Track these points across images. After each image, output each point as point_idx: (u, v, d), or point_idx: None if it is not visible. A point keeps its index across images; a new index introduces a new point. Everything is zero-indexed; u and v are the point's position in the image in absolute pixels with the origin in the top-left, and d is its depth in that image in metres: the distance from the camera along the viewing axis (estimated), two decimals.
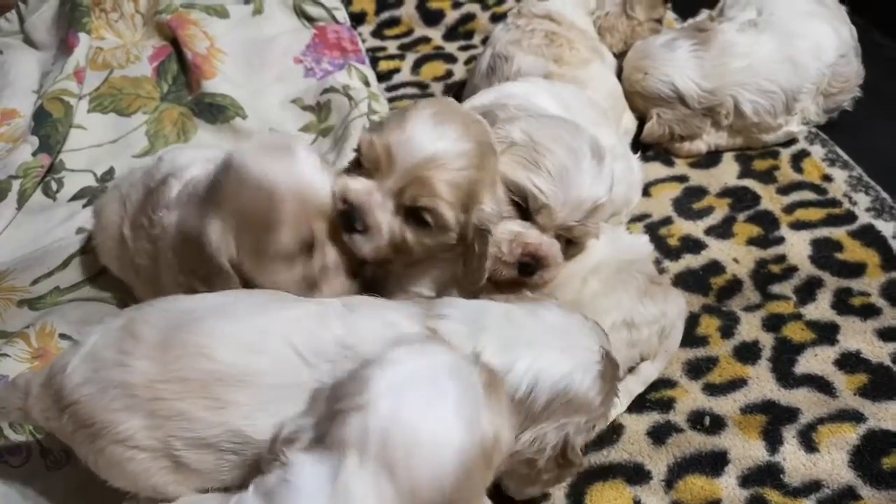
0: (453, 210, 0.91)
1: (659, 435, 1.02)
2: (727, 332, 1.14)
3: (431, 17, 1.86)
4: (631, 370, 1.06)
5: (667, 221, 1.35)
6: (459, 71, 1.73)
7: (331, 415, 0.67)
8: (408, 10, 1.87)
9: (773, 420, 1.02)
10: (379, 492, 0.62)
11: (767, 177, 1.42)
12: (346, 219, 0.92)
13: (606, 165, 1.00)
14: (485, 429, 0.66)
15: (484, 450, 0.66)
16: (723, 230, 1.32)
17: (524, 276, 0.97)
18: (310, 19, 1.79)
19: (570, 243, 1.01)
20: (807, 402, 1.04)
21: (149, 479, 0.79)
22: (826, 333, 1.13)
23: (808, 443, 0.99)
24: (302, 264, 0.93)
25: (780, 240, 1.29)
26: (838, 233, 1.29)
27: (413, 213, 0.91)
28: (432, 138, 0.90)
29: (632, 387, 1.06)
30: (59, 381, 0.79)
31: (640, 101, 1.48)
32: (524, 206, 0.97)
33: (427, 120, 0.91)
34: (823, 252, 1.26)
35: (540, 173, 0.95)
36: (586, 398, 0.82)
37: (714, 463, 0.98)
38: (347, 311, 0.82)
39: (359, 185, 0.91)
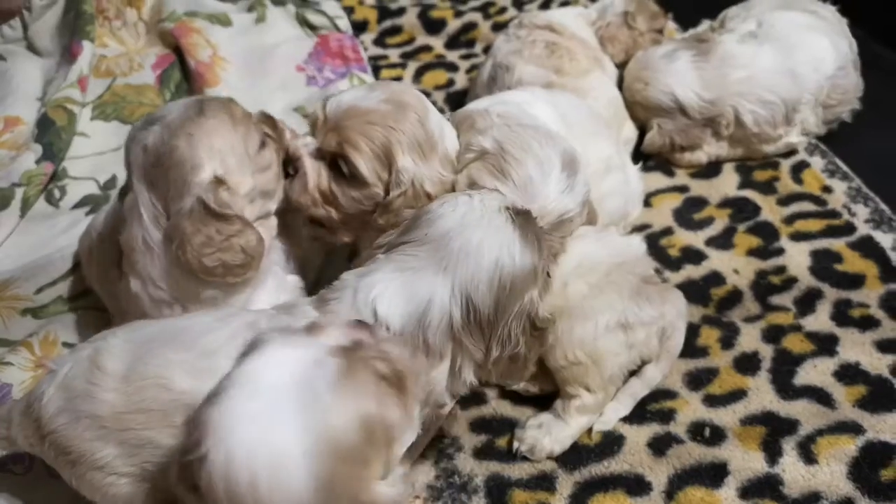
0: (367, 161, 0.97)
1: (659, 446, 1.03)
2: (727, 343, 1.15)
3: (433, 26, 1.87)
4: (633, 373, 1.06)
5: (667, 232, 1.35)
6: (461, 80, 1.73)
7: (186, 462, 0.65)
8: (410, 19, 1.88)
9: (772, 431, 1.03)
10: None
11: (767, 188, 1.42)
12: (284, 166, 1.01)
13: (579, 179, 0.99)
14: (339, 429, 0.62)
15: (344, 452, 0.62)
16: (723, 241, 1.33)
17: None
18: (312, 28, 1.80)
19: None
20: (806, 414, 1.05)
21: (131, 502, 0.81)
22: (825, 345, 1.14)
23: (808, 454, 1.00)
24: None
25: (780, 251, 1.29)
26: (838, 244, 1.29)
27: (334, 163, 0.99)
28: (357, 96, 0.99)
29: (636, 389, 1.07)
30: (36, 409, 0.81)
31: (640, 112, 1.49)
32: None
33: (362, 86, 1.02)
34: (823, 263, 1.27)
35: (506, 182, 0.96)
36: (525, 270, 0.80)
37: (714, 474, 0.99)
38: (274, 313, 0.84)
39: (300, 142, 1.02)
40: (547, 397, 1.06)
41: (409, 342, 0.77)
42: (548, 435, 1.01)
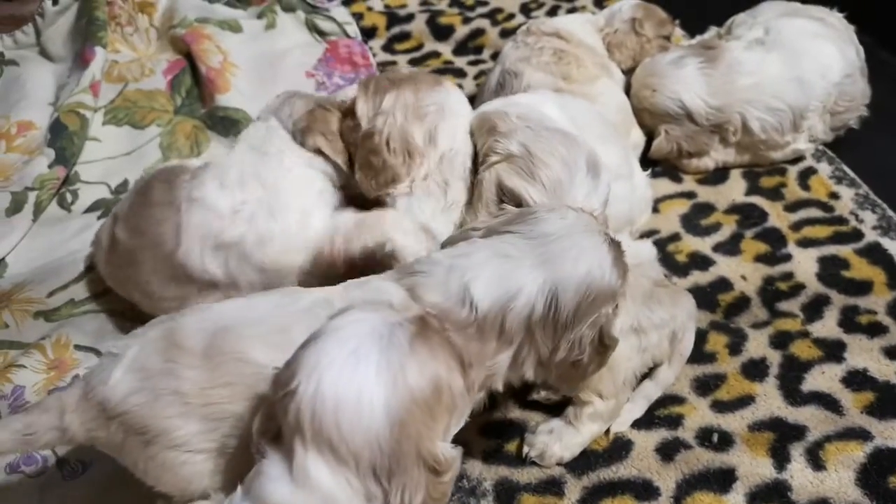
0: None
1: (667, 451, 1.03)
2: (735, 348, 1.15)
3: (441, 32, 1.88)
4: (646, 375, 1.07)
5: (675, 238, 1.36)
6: (469, 85, 1.75)
7: (274, 400, 0.71)
8: (418, 25, 1.89)
9: (780, 437, 1.03)
10: (328, 466, 0.66)
11: (775, 194, 1.43)
12: None
13: (602, 181, 1.02)
14: (413, 380, 0.68)
15: (416, 400, 0.68)
16: (730, 247, 1.33)
17: None
18: (322, 34, 1.81)
19: None
20: (814, 420, 1.05)
21: (202, 480, 0.82)
22: (833, 351, 1.14)
23: (816, 460, 1.00)
24: None
25: (788, 257, 1.30)
26: (845, 250, 1.30)
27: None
28: None
29: (650, 391, 1.07)
30: (101, 393, 0.82)
31: (648, 118, 1.49)
32: None
33: None
34: (830, 270, 1.27)
35: (535, 184, 0.98)
36: (609, 288, 0.84)
37: (722, 480, 0.99)
38: (344, 290, 0.87)
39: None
40: (557, 405, 1.07)
41: (488, 324, 0.80)
42: (558, 441, 1.01)
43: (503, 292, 0.81)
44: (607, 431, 1.05)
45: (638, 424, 1.06)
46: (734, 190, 1.45)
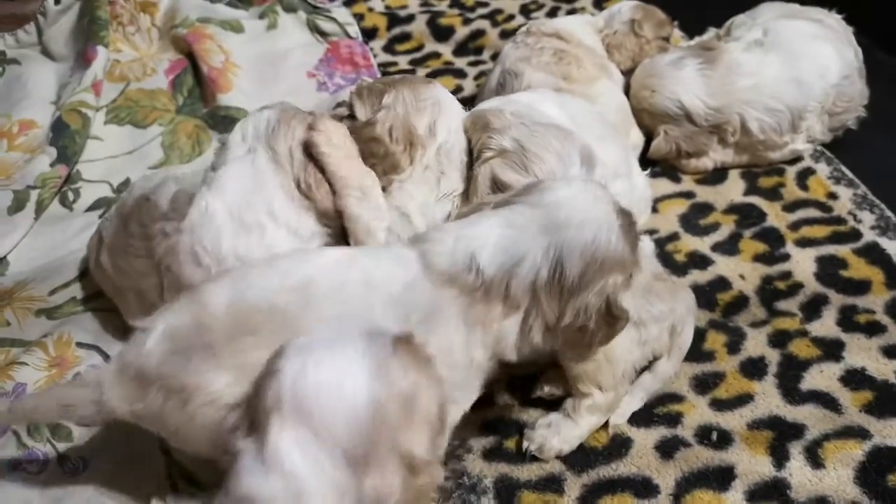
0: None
1: (667, 449, 1.03)
2: (734, 347, 1.16)
3: (442, 33, 1.89)
4: (645, 368, 1.08)
5: (674, 237, 1.36)
6: (469, 86, 1.75)
7: (255, 390, 0.72)
8: (419, 26, 1.90)
9: (779, 436, 1.04)
10: (301, 443, 0.66)
11: (773, 194, 1.43)
12: None
13: (597, 174, 1.03)
14: (395, 377, 0.70)
15: (397, 394, 0.69)
16: (729, 246, 1.34)
17: None
18: (323, 34, 1.82)
19: None
20: (813, 419, 1.05)
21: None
22: (831, 350, 1.15)
23: (815, 459, 1.00)
24: None
25: (786, 257, 1.30)
26: (843, 250, 1.30)
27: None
28: None
29: (648, 384, 1.08)
30: (137, 363, 0.83)
31: (647, 118, 1.50)
32: None
33: None
34: (829, 269, 1.27)
35: (528, 178, 0.99)
36: (616, 255, 0.85)
37: (721, 478, 0.99)
38: (362, 252, 0.91)
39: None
40: (556, 402, 1.07)
41: (493, 288, 0.83)
42: (557, 434, 1.02)
43: (508, 258, 0.83)
44: (606, 425, 1.05)
45: (637, 422, 1.07)
46: (733, 190, 1.46)
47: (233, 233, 1.05)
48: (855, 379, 1.10)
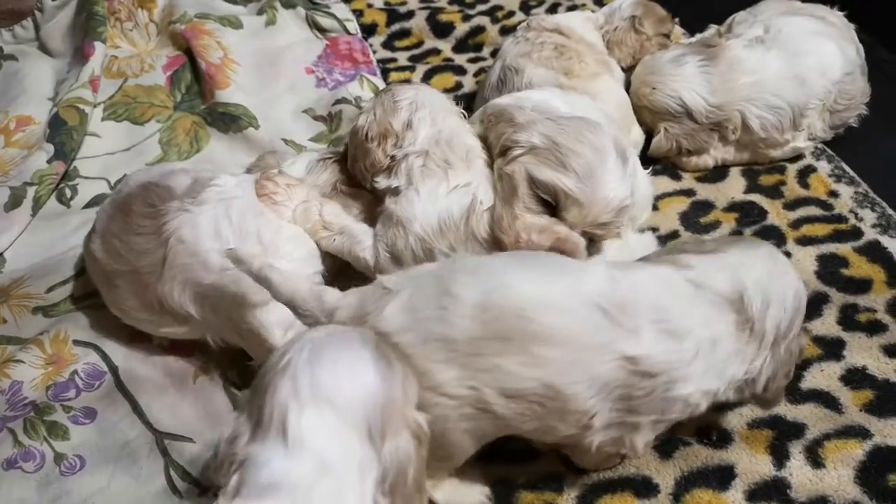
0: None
1: (666, 448, 1.03)
2: None
3: (441, 29, 1.88)
4: None
5: (674, 235, 1.36)
6: (469, 83, 1.74)
7: (259, 395, 0.73)
8: (418, 22, 1.89)
9: (779, 435, 1.03)
10: (324, 425, 0.69)
11: (774, 192, 1.43)
12: None
13: (630, 165, 1.03)
14: (393, 360, 0.75)
15: (398, 375, 0.75)
16: None
17: None
18: (322, 30, 1.81)
19: (591, 242, 1.04)
20: (813, 418, 1.05)
21: (444, 423, 0.84)
22: (832, 349, 1.14)
23: (815, 458, 1.00)
24: None
25: (787, 255, 1.29)
26: (844, 248, 1.30)
27: None
28: None
29: None
30: (372, 320, 0.84)
31: (647, 116, 1.49)
32: (553, 205, 1.00)
33: None
34: (830, 268, 1.27)
35: (567, 173, 0.98)
36: (803, 307, 0.93)
37: (721, 477, 0.99)
38: (618, 270, 0.89)
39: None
40: None
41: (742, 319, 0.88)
42: None
43: (734, 291, 0.88)
44: None
45: None
46: (733, 188, 1.45)
47: (258, 212, 1.07)
48: (855, 378, 1.10)
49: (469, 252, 1.03)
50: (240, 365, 1.16)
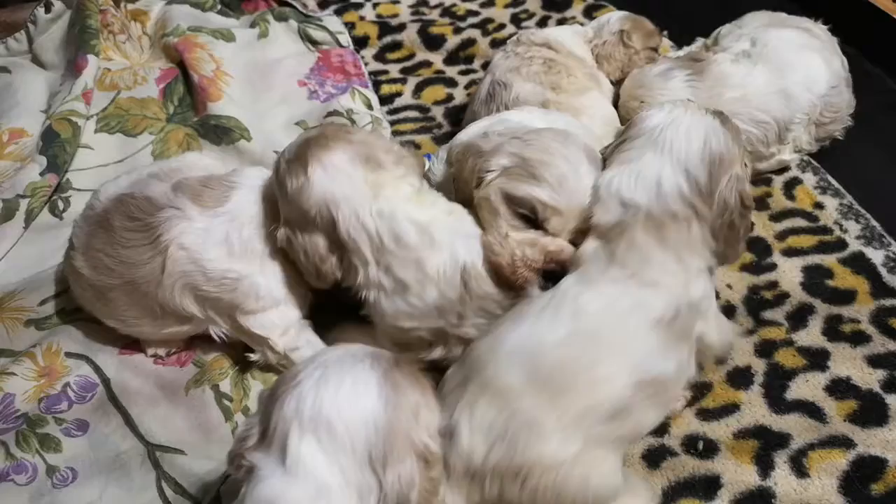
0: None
1: (654, 458, 1.04)
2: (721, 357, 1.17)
3: (432, 42, 1.89)
4: None
5: None
6: (460, 95, 1.76)
7: (270, 403, 0.75)
8: (410, 35, 1.91)
9: (765, 445, 1.05)
10: (323, 452, 0.71)
11: (760, 204, 1.44)
12: None
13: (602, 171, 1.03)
14: (402, 386, 0.76)
15: (407, 401, 0.76)
16: None
17: (549, 281, 1.01)
18: (314, 43, 1.82)
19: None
20: (798, 428, 1.07)
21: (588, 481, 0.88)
22: (817, 360, 1.16)
23: (800, 468, 1.02)
24: None
25: (773, 266, 1.32)
26: (829, 260, 1.32)
27: None
28: None
29: None
30: (461, 463, 0.88)
31: None
32: (534, 219, 1.01)
33: None
34: (815, 279, 1.29)
35: (542, 185, 0.99)
36: (729, 149, 0.96)
37: (707, 487, 1.01)
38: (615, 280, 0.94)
39: None
40: None
41: (660, 215, 0.92)
42: None
43: (648, 184, 0.93)
44: None
45: None
46: None
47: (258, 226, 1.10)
48: (840, 388, 1.12)
49: (482, 311, 1.03)
50: (232, 377, 1.17)
